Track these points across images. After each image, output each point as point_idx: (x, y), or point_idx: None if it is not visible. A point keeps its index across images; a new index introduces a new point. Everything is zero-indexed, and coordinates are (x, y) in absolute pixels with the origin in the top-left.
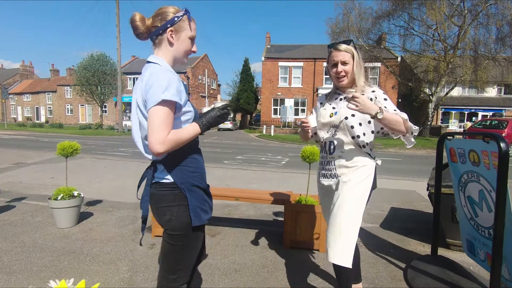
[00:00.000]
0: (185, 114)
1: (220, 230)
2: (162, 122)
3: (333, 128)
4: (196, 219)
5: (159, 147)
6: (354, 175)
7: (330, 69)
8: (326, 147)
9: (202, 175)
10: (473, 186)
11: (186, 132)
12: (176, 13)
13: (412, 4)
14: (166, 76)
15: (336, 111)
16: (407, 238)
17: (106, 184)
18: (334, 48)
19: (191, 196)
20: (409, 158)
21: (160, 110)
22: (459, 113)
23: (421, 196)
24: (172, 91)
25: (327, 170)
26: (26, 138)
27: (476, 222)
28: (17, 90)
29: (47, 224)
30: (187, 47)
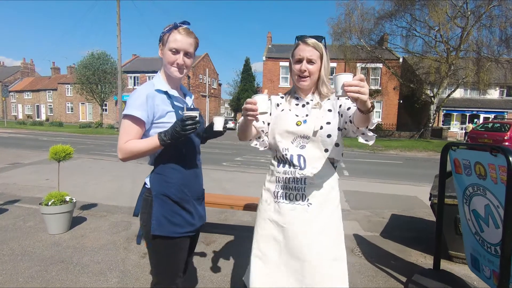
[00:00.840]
0: (160, 126)
1: (215, 237)
2: (121, 133)
3: (302, 139)
4: (157, 229)
5: (118, 153)
6: (328, 197)
7: (292, 64)
8: (292, 161)
9: (179, 187)
10: (479, 200)
11: (144, 143)
12: (165, 29)
13: (414, 5)
14: (136, 93)
15: (304, 120)
16: (408, 249)
17: (102, 186)
18: (302, 41)
19: (157, 204)
20: (410, 160)
21: (123, 122)
22: (460, 115)
23: (422, 202)
24: (134, 107)
25: (292, 190)
26: (25, 137)
27: (481, 237)
28: (18, 87)
29: (38, 229)
30: (168, 58)
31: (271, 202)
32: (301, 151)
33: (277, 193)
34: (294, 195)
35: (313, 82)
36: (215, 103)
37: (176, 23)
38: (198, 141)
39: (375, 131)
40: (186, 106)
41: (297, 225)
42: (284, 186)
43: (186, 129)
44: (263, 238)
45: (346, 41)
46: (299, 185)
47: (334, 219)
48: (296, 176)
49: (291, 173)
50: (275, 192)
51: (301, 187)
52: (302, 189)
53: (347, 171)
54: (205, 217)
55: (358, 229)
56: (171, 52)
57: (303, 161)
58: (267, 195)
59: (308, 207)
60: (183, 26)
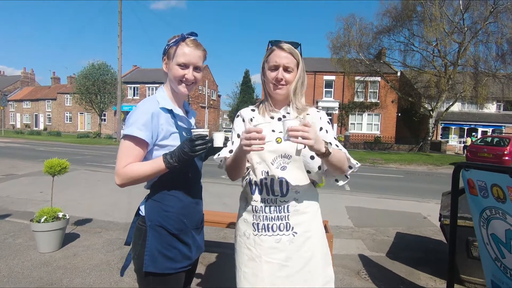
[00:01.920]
0: (164, 148)
1: (214, 258)
2: (120, 155)
3: (283, 159)
4: (150, 265)
5: (115, 178)
6: (314, 225)
7: (267, 71)
8: (272, 187)
9: (177, 218)
10: (499, 224)
11: (147, 167)
12: (170, 41)
13: (412, 21)
14: (139, 111)
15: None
16: (416, 271)
17: (97, 200)
18: (277, 47)
19: (152, 236)
20: (410, 174)
21: (122, 143)
22: (459, 129)
23: (427, 220)
24: (137, 126)
25: (274, 220)
26: (22, 147)
27: (502, 264)
28: (17, 97)
29: (28, 247)
30: (175, 73)
31: (250, 235)
32: (283, 173)
33: (257, 225)
34: (277, 225)
35: (288, 91)
36: (214, 114)
37: (184, 35)
38: (201, 164)
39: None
40: (190, 126)
41: (282, 259)
42: (265, 217)
43: (195, 150)
44: (248, 276)
45: (345, 55)
46: (282, 213)
47: (321, 244)
48: (277, 204)
49: (271, 201)
50: (254, 224)
51: (284, 215)
52: (286, 217)
53: (348, 185)
54: (203, 246)
55: (364, 248)
56: (179, 67)
57: (286, 185)
58: (245, 227)
59: (293, 237)
60: (190, 38)
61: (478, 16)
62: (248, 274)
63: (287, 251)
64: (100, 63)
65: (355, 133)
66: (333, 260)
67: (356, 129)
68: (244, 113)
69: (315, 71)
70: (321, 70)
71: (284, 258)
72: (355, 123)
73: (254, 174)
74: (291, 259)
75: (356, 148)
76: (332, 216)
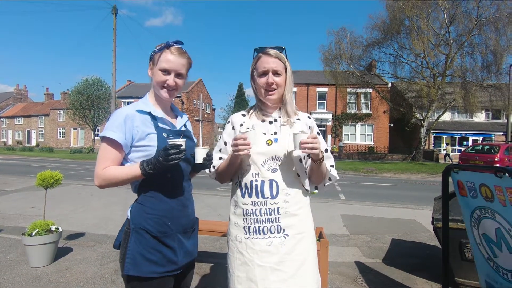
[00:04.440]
0: (140, 149)
1: (209, 268)
2: (99, 157)
3: (274, 161)
4: (131, 267)
5: (95, 179)
6: (305, 228)
7: (257, 78)
8: (261, 189)
9: (159, 220)
10: (489, 223)
11: (124, 172)
12: (156, 48)
13: (400, 34)
14: (114, 115)
15: (275, 138)
16: (412, 276)
17: (90, 213)
18: (263, 53)
19: (135, 239)
20: (404, 183)
21: (101, 146)
22: (450, 137)
23: (422, 226)
24: (111, 129)
25: (264, 223)
26: (13, 163)
27: (495, 263)
28: (9, 113)
29: (20, 262)
30: (157, 79)
31: (242, 239)
32: (273, 175)
33: (248, 228)
34: (268, 228)
35: (280, 95)
36: (208, 128)
37: (169, 42)
38: (186, 167)
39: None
40: (174, 129)
41: (274, 262)
42: (255, 220)
43: (169, 159)
44: (242, 281)
45: (337, 67)
46: (272, 216)
47: (312, 247)
48: (268, 207)
49: (261, 203)
50: (245, 227)
51: (275, 217)
52: (277, 219)
53: (343, 194)
54: (194, 253)
55: (360, 255)
56: (162, 73)
57: (276, 187)
58: (236, 231)
59: (285, 239)
60: (175, 46)
61: (463, 29)
62: (242, 279)
63: (279, 254)
64: (94, 78)
65: (349, 143)
66: (329, 267)
67: (350, 140)
68: (235, 119)
69: (308, 83)
70: (314, 83)
71: (276, 262)
72: (349, 134)
73: (244, 176)
74: (283, 263)
75: (350, 159)
76: (327, 224)
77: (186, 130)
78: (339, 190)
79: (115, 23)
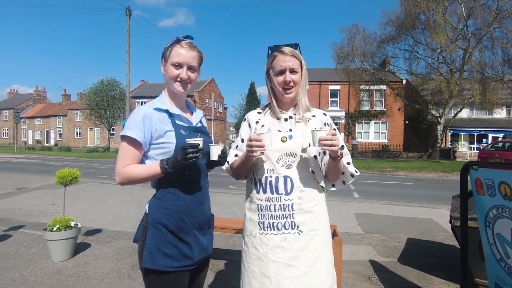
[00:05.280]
0: (160, 146)
1: (223, 265)
2: (119, 156)
3: (289, 157)
4: (149, 261)
5: (116, 177)
6: (320, 225)
7: (273, 77)
8: (276, 185)
9: (176, 215)
10: (504, 222)
11: (144, 170)
12: (167, 45)
13: (415, 29)
14: (133, 114)
15: (290, 135)
16: (429, 276)
17: (107, 211)
18: (279, 51)
19: (152, 233)
20: (420, 182)
21: (121, 144)
22: (468, 135)
23: (438, 225)
24: (130, 127)
25: (279, 218)
26: (33, 162)
27: (507, 265)
28: (29, 114)
29: (41, 257)
30: (170, 73)
31: (257, 234)
32: (288, 171)
33: (262, 223)
34: (282, 224)
35: (297, 92)
36: (220, 127)
37: (179, 37)
38: (204, 164)
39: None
40: (191, 125)
41: (288, 258)
42: (270, 215)
43: (187, 158)
44: (256, 276)
45: (349, 64)
46: (287, 212)
47: (327, 244)
48: (282, 203)
49: (276, 199)
50: (259, 222)
51: (289, 214)
52: (291, 216)
53: (357, 193)
54: (209, 249)
55: (374, 254)
56: (174, 67)
57: (290, 184)
58: (252, 227)
59: (299, 235)
60: (185, 40)
61: (482, 22)
62: (257, 274)
63: (293, 250)
64: (109, 79)
65: (363, 142)
66: (343, 266)
67: (363, 138)
68: (251, 116)
69: (320, 81)
70: (326, 80)
71: (290, 258)
72: (362, 131)
73: (259, 173)
74: (297, 259)
75: (364, 157)
76: (341, 223)
77: (202, 126)
78: (353, 188)
79: (129, 24)
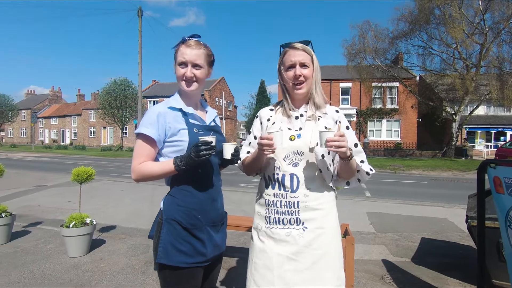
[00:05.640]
0: (173, 144)
1: (235, 262)
2: (135, 153)
3: (296, 155)
4: (163, 256)
5: (131, 174)
6: (327, 223)
7: (284, 72)
8: (283, 182)
9: (189, 212)
10: None
11: (159, 168)
12: (175, 45)
13: (430, 24)
14: (148, 112)
15: (298, 134)
16: (444, 276)
17: (121, 208)
18: (290, 47)
19: (167, 230)
20: (435, 181)
21: (136, 142)
22: (485, 133)
23: (454, 225)
24: (145, 125)
25: (284, 214)
26: (50, 160)
27: None
28: (46, 114)
29: (59, 252)
30: (177, 73)
31: (262, 227)
32: (294, 169)
33: (268, 218)
34: (288, 219)
35: (308, 88)
36: (231, 125)
37: (185, 37)
38: (217, 162)
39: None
40: (204, 124)
41: (292, 252)
42: (276, 211)
43: (200, 155)
44: (258, 268)
45: (361, 61)
46: (292, 208)
47: (334, 243)
48: (288, 199)
49: (282, 196)
50: (266, 217)
51: (294, 210)
52: (296, 212)
53: (369, 192)
54: (222, 246)
55: (387, 254)
56: (180, 67)
57: (296, 181)
58: (258, 220)
59: (303, 232)
60: (192, 39)
61: (500, 16)
62: (259, 265)
63: (297, 245)
64: (121, 79)
65: (375, 140)
66: (355, 265)
67: (376, 136)
68: (263, 113)
69: (330, 79)
70: (337, 78)
71: (293, 252)
72: (374, 130)
73: (268, 169)
74: (300, 254)
75: (376, 155)
76: (352, 222)
77: (216, 125)
78: (364, 187)
79: (140, 24)
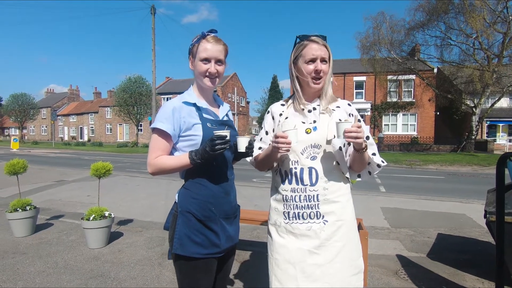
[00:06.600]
0: (187, 139)
1: (248, 255)
2: (151, 147)
3: (313, 148)
4: (178, 247)
5: (148, 168)
6: (345, 215)
7: (303, 65)
8: (301, 176)
9: (203, 204)
10: None
11: (174, 161)
12: (193, 41)
13: (448, 13)
14: (163, 107)
15: (314, 127)
16: (461, 272)
17: (137, 202)
18: (311, 40)
19: (182, 221)
20: (453, 176)
21: (152, 136)
22: (507, 126)
23: (472, 220)
24: (161, 120)
25: (304, 208)
26: (69, 156)
27: None
28: (65, 112)
29: (80, 244)
30: (199, 69)
31: (281, 223)
32: (312, 163)
33: (287, 213)
34: (308, 214)
35: (324, 83)
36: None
37: (204, 32)
38: (230, 156)
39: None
40: (217, 119)
41: (313, 246)
42: (295, 206)
43: (215, 149)
44: (279, 263)
45: (375, 54)
46: (312, 202)
47: (353, 234)
48: (307, 193)
49: (301, 190)
50: (285, 212)
51: (314, 204)
52: (316, 206)
53: (384, 187)
54: (235, 238)
55: (401, 249)
56: (202, 62)
57: (315, 175)
58: (276, 216)
59: (324, 225)
60: (211, 35)
61: None
62: (280, 261)
63: (319, 239)
64: (136, 76)
65: (390, 134)
66: (369, 259)
67: (391, 131)
68: (274, 109)
69: (344, 73)
70: (350, 71)
71: (315, 246)
72: (389, 124)
73: (284, 164)
74: (322, 247)
75: (391, 150)
76: (366, 217)
77: (229, 119)
78: (379, 182)
79: (153, 22)
